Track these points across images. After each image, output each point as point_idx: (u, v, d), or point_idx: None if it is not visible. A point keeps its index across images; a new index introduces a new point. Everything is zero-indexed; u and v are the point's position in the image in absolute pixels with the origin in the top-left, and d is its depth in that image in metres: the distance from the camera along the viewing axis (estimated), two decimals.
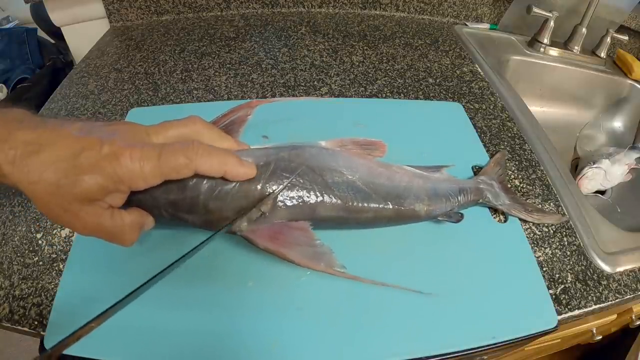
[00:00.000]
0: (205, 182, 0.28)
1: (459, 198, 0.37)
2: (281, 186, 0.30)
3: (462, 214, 0.36)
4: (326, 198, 0.31)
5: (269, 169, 0.30)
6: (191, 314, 0.30)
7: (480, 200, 0.39)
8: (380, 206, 0.33)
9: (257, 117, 0.35)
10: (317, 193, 0.31)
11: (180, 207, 0.29)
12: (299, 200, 0.31)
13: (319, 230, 0.32)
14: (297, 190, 0.31)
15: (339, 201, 0.32)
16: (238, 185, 0.29)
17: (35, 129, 0.22)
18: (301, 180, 0.31)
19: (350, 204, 0.32)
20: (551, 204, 0.44)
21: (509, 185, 0.44)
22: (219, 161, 0.26)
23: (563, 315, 0.35)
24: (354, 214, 0.33)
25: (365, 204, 0.33)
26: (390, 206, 0.34)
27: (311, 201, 0.31)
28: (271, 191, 0.30)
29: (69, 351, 0.22)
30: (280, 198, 0.30)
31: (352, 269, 0.32)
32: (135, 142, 0.23)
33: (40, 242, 0.36)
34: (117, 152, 0.22)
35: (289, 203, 0.31)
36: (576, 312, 0.36)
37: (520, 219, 0.40)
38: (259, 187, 0.29)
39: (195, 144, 0.25)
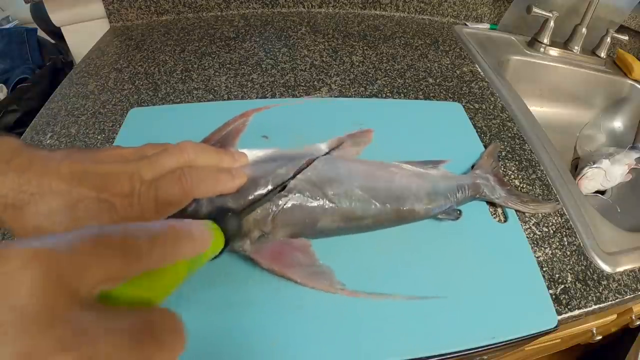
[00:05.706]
0: (204, 207, 0.28)
1: (457, 195, 0.37)
2: (280, 206, 0.30)
3: (460, 211, 0.37)
4: (327, 213, 0.31)
5: (268, 188, 0.30)
6: (191, 312, 0.30)
7: (478, 195, 0.39)
8: (381, 211, 0.33)
9: (257, 117, 0.35)
10: (318, 209, 0.31)
11: None
12: (300, 218, 0.31)
13: (317, 239, 0.32)
14: (298, 209, 0.30)
15: (340, 214, 0.32)
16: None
17: (23, 173, 0.21)
18: (301, 197, 0.31)
19: (350, 214, 0.32)
20: None
21: (505, 178, 0.44)
22: (212, 183, 0.26)
23: (563, 315, 0.35)
24: (354, 223, 0.33)
25: (366, 213, 0.33)
26: (390, 210, 0.34)
27: (312, 218, 0.31)
28: (271, 212, 0.30)
29: None
30: (280, 217, 0.30)
31: (350, 273, 0.33)
32: (130, 188, 0.23)
33: None
34: (115, 203, 0.22)
35: (289, 221, 0.30)
36: (576, 312, 0.36)
37: (517, 211, 0.41)
38: (258, 210, 0.29)
39: (186, 174, 0.24)
